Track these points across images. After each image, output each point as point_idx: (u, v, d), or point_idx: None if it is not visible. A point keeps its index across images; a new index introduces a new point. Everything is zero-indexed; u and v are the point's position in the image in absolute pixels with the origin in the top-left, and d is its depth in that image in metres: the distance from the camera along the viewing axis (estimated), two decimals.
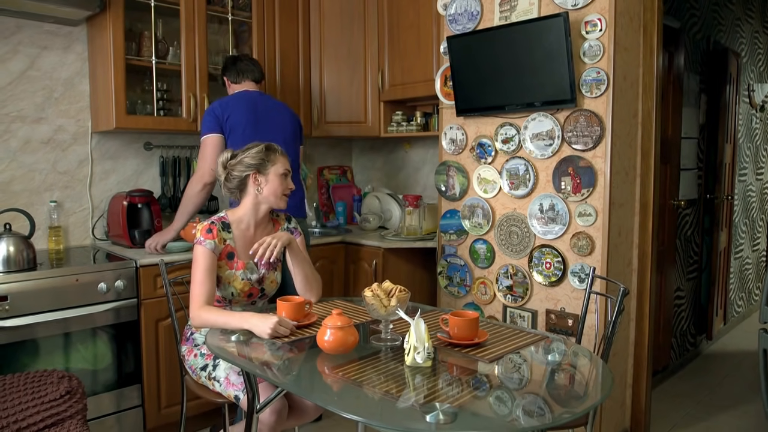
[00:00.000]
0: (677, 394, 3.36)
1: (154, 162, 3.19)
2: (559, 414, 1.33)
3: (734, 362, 3.90)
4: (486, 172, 2.80)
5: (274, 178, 2.07)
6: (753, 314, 5.07)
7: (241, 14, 3.18)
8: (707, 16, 3.86)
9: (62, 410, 1.76)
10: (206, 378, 2.00)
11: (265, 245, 1.98)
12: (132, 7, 2.80)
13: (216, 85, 3.20)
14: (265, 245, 1.98)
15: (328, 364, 1.59)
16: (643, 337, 2.71)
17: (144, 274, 2.57)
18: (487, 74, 2.66)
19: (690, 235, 3.86)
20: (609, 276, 2.44)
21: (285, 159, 2.12)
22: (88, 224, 3.01)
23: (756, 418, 3.03)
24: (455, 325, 1.70)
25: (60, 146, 2.90)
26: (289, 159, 2.16)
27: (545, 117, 2.56)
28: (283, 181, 2.09)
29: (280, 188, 2.09)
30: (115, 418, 2.54)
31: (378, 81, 3.47)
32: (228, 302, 2.10)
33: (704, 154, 3.99)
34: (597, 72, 2.41)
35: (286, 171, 2.11)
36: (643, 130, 2.64)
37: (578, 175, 2.49)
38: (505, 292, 2.77)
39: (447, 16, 2.88)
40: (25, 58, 2.78)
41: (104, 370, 2.50)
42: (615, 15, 2.38)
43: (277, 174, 2.08)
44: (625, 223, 2.59)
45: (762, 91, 4.92)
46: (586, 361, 1.68)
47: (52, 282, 2.34)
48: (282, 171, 2.09)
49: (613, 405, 2.68)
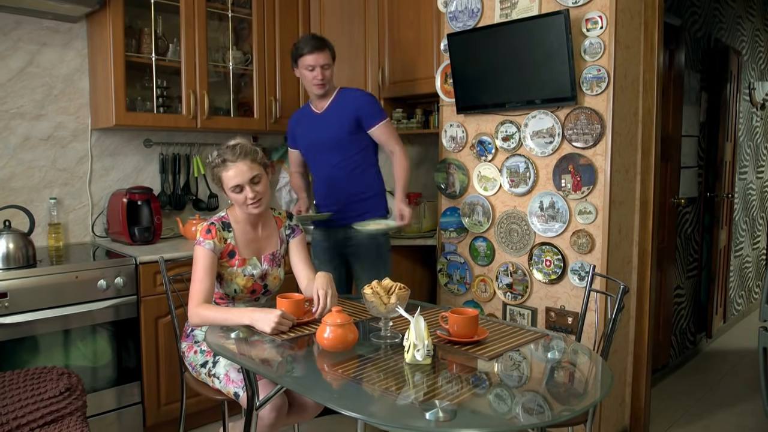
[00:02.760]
0: (677, 392, 3.37)
1: (153, 159, 3.19)
2: (558, 412, 1.33)
3: (734, 360, 3.90)
4: (486, 169, 2.80)
5: (228, 192, 1.99)
6: (753, 312, 5.07)
7: (241, 11, 3.18)
8: (708, 13, 3.85)
9: (62, 407, 1.76)
10: (206, 375, 2.00)
11: (322, 304, 1.88)
12: (132, 4, 2.80)
13: (217, 82, 3.19)
14: (322, 304, 1.88)
15: (327, 361, 1.59)
16: (643, 334, 2.71)
17: (144, 271, 2.57)
18: (488, 72, 2.66)
19: (690, 233, 3.86)
20: (609, 274, 2.44)
21: (237, 166, 1.95)
22: (88, 221, 3.01)
23: (755, 416, 3.04)
24: (455, 323, 1.70)
25: (60, 143, 2.90)
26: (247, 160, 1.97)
27: (546, 114, 2.56)
28: (238, 193, 1.97)
29: (239, 199, 1.99)
30: (114, 415, 2.54)
31: (378, 78, 3.46)
32: (231, 299, 2.10)
33: (705, 152, 3.99)
34: (597, 69, 2.41)
35: (236, 185, 1.95)
36: (644, 128, 2.63)
37: (578, 172, 2.49)
38: (505, 290, 2.77)
39: (447, 14, 2.87)
40: (24, 54, 2.78)
41: (104, 367, 2.50)
42: (616, 12, 2.37)
43: (228, 188, 1.98)
44: (625, 221, 2.59)
45: (763, 89, 4.91)
46: (586, 359, 1.68)
47: (51, 279, 2.34)
48: (232, 184, 1.95)
49: (613, 403, 2.68)
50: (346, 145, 2.65)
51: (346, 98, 2.67)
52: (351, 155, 2.66)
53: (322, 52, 2.57)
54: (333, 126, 2.65)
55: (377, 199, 2.74)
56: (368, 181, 2.71)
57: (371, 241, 2.68)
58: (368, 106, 2.65)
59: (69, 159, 2.93)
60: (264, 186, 2.02)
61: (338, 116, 2.64)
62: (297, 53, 2.60)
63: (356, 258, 2.72)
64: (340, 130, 2.63)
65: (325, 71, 2.59)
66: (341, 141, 2.64)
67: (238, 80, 3.29)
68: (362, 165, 2.69)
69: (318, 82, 2.58)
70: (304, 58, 2.57)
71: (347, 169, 2.67)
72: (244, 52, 3.25)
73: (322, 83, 2.60)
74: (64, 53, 2.89)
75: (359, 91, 2.75)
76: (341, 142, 2.65)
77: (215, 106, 3.17)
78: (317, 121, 2.70)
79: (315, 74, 2.57)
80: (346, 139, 2.64)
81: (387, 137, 2.68)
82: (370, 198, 2.71)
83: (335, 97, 2.68)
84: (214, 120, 3.05)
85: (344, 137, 2.64)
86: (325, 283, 1.92)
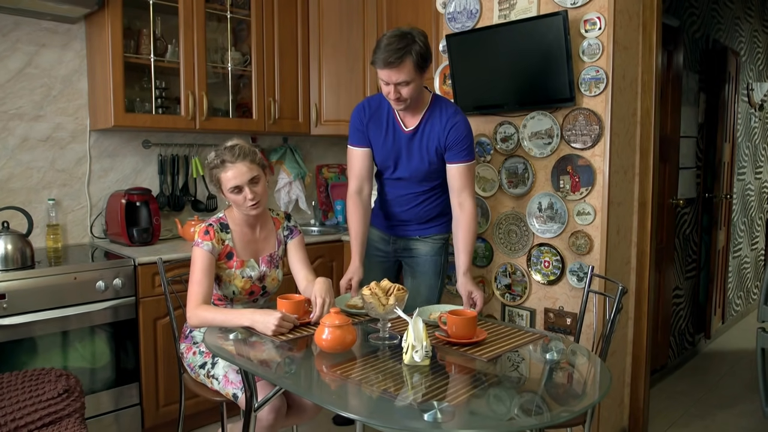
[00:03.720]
0: (675, 392, 3.37)
1: (152, 160, 3.18)
2: (557, 413, 1.33)
3: (732, 361, 3.91)
4: (485, 170, 2.80)
5: (227, 193, 1.98)
6: (751, 313, 5.07)
7: (239, 12, 3.18)
8: (706, 14, 3.86)
9: (60, 409, 1.76)
10: (205, 376, 2.00)
11: (320, 309, 1.87)
12: (130, 5, 2.80)
13: (216, 83, 3.19)
14: (320, 309, 1.87)
15: (326, 362, 1.59)
16: (642, 335, 2.71)
17: (142, 272, 2.57)
18: (486, 73, 2.66)
19: (689, 233, 3.86)
20: (607, 275, 2.44)
21: (236, 167, 1.93)
22: (87, 222, 3.01)
23: (754, 416, 3.04)
24: (453, 324, 1.70)
25: (58, 144, 2.90)
26: (246, 161, 1.95)
27: (544, 116, 2.56)
28: (237, 194, 1.96)
29: (238, 200, 1.98)
30: (113, 417, 2.53)
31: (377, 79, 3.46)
32: (230, 301, 2.09)
33: (703, 153, 3.99)
34: (596, 70, 2.41)
35: (235, 186, 1.94)
36: (642, 129, 2.64)
37: (577, 173, 2.49)
38: (504, 291, 2.77)
39: (446, 15, 2.88)
40: (23, 55, 2.77)
41: (102, 368, 2.50)
42: (614, 13, 2.37)
43: (226, 189, 1.97)
44: (623, 221, 2.59)
45: (761, 90, 4.92)
46: (585, 360, 1.68)
47: (50, 280, 2.34)
48: (230, 185, 1.95)
49: (612, 403, 2.68)
50: (435, 175, 2.28)
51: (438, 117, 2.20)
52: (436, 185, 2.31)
53: (395, 69, 2.01)
54: (422, 152, 2.23)
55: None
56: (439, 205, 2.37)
57: (432, 259, 2.39)
58: (466, 139, 2.19)
59: (68, 160, 2.93)
60: (263, 187, 2.02)
61: (427, 141, 2.21)
62: (372, 58, 2.08)
63: (411, 271, 2.43)
64: (430, 156, 2.22)
65: (401, 89, 2.06)
66: (431, 173, 2.27)
67: (236, 81, 3.29)
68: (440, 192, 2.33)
69: (392, 98, 2.10)
70: (378, 71, 2.07)
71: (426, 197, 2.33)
72: (243, 53, 3.25)
73: (398, 100, 2.10)
74: (63, 54, 2.89)
75: (456, 111, 2.23)
76: (431, 174, 2.27)
77: (214, 107, 3.17)
78: (403, 140, 2.25)
79: (388, 90, 2.09)
80: (436, 169, 2.25)
81: (465, 180, 2.21)
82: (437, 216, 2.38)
83: (426, 112, 2.21)
84: (213, 121, 3.05)
85: (434, 168, 2.25)
86: (323, 290, 1.92)
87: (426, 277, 2.39)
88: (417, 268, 2.40)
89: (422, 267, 2.40)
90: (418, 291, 2.37)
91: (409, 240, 2.40)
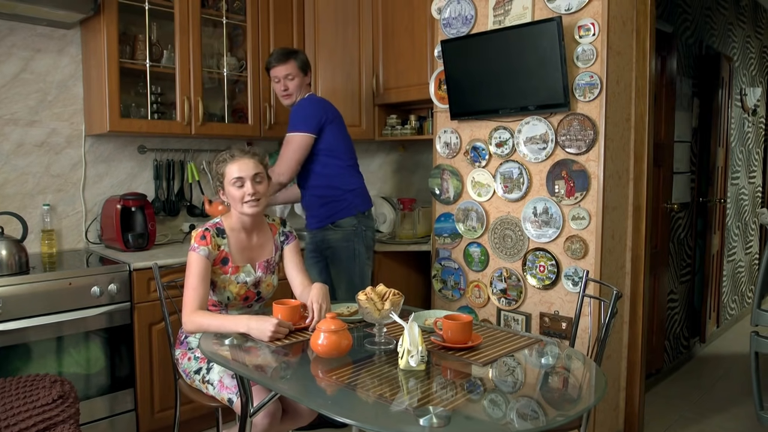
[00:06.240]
0: (670, 396, 3.38)
1: (148, 165, 3.18)
2: (552, 417, 1.34)
3: (727, 365, 3.92)
4: (480, 175, 2.81)
5: (228, 187, 2.03)
6: (746, 317, 5.09)
7: (235, 17, 3.18)
8: (700, 20, 3.88)
9: (54, 415, 1.75)
10: (200, 381, 2.00)
11: (317, 315, 1.89)
12: (126, 10, 2.80)
13: (211, 89, 3.19)
14: (317, 315, 1.89)
15: (321, 367, 1.59)
16: (637, 339, 2.72)
17: (137, 277, 2.56)
18: (481, 78, 2.67)
19: (683, 238, 3.88)
20: (602, 279, 2.45)
21: (243, 161, 2.03)
22: (82, 228, 3.00)
23: (748, 420, 3.05)
24: (449, 329, 1.70)
25: (53, 149, 2.89)
26: (254, 159, 2.06)
27: (539, 121, 2.57)
28: (238, 188, 2.01)
29: (238, 195, 2.02)
30: (108, 423, 2.52)
31: (372, 84, 3.48)
32: (224, 306, 2.09)
33: (697, 158, 4.01)
34: (590, 76, 2.42)
35: (238, 177, 2.00)
36: (636, 134, 2.65)
37: (572, 178, 2.50)
38: (499, 296, 2.77)
39: (441, 20, 2.89)
40: (18, 60, 2.77)
41: (97, 374, 2.49)
42: (608, 19, 2.39)
43: (228, 182, 2.03)
44: (618, 226, 2.60)
45: (754, 95, 4.96)
46: (580, 364, 1.69)
47: (44, 286, 2.33)
48: (232, 177, 2.01)
49: (607, 407, 2.68)
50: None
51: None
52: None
53: (282, 65, 2.69)
54: None
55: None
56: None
57: (346, 244, 2.74)
58: (291, 116, 2.73)
59: (63, 165, 2.92)
60: (264, 188, 2.05)
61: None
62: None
63: (332, 261, 2.79)
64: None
65: (288, 82, 2.71)
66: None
67: (232, 86, 3.30)
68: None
69: (281, 93, 2.76)
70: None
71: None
72: (238, 59, 3.26)
73: (286, 93, 2.73)
74: (58, 59, 2.89)
75: (303, 100, 2.76)
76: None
77: (209, 112, 3.17)
78: None
79: (278, 87, 2.75)
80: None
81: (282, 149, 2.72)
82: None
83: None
84: (209, 126, 3.05)
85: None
86: (320, 296, 1.93)
87: (343, 262, 2.76)
88: (335, 254, 2.76)
89: (338, 253, 2.75)
90: (339, 275, 2.77)
91: (322, 231, 2.77)
